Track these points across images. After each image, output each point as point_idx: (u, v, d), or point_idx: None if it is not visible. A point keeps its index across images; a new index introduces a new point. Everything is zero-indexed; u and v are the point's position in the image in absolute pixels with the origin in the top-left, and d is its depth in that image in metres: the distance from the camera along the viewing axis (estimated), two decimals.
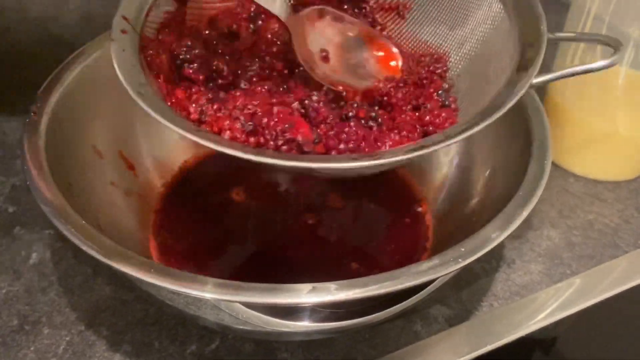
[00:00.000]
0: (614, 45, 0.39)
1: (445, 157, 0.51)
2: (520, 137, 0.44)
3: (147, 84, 0.37)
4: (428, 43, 0.47)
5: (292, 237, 0.50)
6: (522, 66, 0.38)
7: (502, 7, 0.43)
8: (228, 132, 0.37)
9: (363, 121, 0.40)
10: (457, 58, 0.45)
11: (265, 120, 0.37)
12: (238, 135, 0.37)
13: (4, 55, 0.69)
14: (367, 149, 0.38)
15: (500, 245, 0.51)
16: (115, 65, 0.37)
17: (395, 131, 0.40)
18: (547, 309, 0.47)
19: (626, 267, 0.50)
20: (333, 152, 0.38)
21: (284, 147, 0.37)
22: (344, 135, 0.38)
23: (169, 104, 0.38)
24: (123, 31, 0.39)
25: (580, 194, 0.56)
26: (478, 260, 0.35)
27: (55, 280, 0.47)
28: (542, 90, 0.53)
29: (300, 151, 0.37)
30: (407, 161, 0.36)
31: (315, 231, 0.50)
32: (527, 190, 0.38)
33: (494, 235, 0.35)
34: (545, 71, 0.39)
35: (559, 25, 0.57)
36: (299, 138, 0.37)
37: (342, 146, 0.38)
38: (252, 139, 0.37)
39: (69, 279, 0.47)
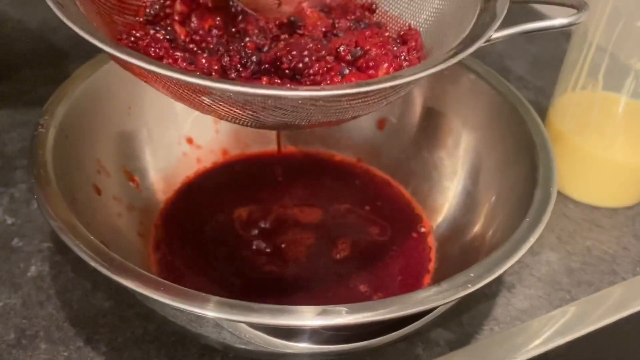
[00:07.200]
0: (577, 5, 0.39)
1: (450, 181, 0.51)
2: (525, 164, 0.45)
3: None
4: (388, 13, 0.46)
5: (294, 255, 0.50)
6: (482, 23, 0.37)
7: None
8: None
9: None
10: (417, 24, 0.44)
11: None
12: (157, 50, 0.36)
13: (4, 65, 0.69)
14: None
15: None
16: None
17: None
18: (546, 334, 0.47)
19: (624, 294, 0.51)
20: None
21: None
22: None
23: (94, 24, 0.36)
24: None
25: (579, 219, 0.57)
26: None
27: (54, 294, 0.46)
28: (542, 116, 0.53)
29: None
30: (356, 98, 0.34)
31: (318, 250, 0.50)
32: (534, 217, 0.39)
33: (502, 262, 0.35)
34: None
35: (560, 54, 0.58)
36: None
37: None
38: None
39: (67, 293, 0.47)
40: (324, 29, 0.41)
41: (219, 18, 0.41)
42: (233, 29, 0.41)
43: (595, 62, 0.53)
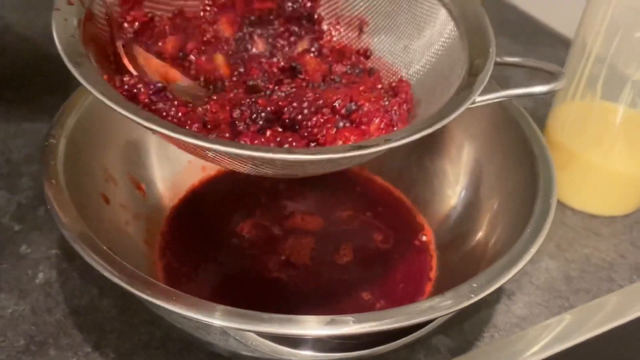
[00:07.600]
0: (555, 73, 0.41)
1: (452, 190, 0.52)
2: (525, 173, 0.45)
3: (85, 55, 0.36)
4: (382, 59, 0.47)
5: (298, 261, 0.50)
6: (467, 84, 0.39)
7: (454, 27, 0.43)
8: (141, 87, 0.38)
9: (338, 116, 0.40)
10: (407, 74, 0.46)
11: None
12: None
13: (9, 72, 0.69)
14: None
15: None
16: (54, 33, 0.36)
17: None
18: (545, 340, 0.48)
19: (621, 301, 0.51)
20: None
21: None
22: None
23: (105, 77, 0.37)
24: (70, 2, 0.38)
25: (578, 227, 0.57)
26: None
27: (62, 301, 0.47)
28: (541, 125, 0.54)
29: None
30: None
31: (320, 256, 0.50)
32: (534, 227, 0.40)
33: (504, 272, 0.36)
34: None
35: (559, 64, 0.59)
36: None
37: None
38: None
39: (75, 299, 0.47)
40: (322, 74, 0.44)
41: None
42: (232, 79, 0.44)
43: (593, 72, 0.54)
